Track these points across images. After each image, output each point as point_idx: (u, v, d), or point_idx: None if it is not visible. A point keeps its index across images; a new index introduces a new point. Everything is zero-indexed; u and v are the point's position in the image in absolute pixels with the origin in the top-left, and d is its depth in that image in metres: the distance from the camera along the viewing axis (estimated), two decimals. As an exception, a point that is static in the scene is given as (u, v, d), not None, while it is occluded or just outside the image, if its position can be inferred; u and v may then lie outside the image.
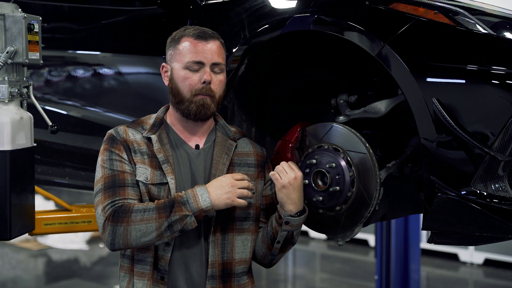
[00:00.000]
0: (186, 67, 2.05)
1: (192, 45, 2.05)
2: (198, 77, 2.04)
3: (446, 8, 2.14)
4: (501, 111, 1.96)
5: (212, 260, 2.03)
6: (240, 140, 2.19)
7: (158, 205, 1.95)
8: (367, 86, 2.54)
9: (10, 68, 2.49)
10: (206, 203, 1.95)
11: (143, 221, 1.93)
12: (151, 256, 2.02)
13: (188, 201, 1.95)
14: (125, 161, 2.04)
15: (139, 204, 1.97)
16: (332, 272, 6.63)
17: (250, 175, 2.12)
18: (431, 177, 2.04)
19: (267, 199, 2.19)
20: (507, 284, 6.15)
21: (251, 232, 2.13)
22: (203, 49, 2.04)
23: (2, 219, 2.42)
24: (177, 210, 1.93)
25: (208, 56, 2.04)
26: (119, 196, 1.98)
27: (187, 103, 2.05)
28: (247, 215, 2.10)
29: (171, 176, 2.03)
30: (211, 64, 2.05)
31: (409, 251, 4.73)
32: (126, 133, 2.10)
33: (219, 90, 2.07)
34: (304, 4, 2.32)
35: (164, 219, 1.93)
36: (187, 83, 2.04)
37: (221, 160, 2.09)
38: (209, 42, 2.06)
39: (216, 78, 2.06)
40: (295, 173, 2.11)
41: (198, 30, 2.08)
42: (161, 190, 2.03)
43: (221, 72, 2.08)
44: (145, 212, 1.94)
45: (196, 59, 2.04)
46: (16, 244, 7.23)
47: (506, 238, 2.09)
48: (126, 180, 2.01)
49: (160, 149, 2.07)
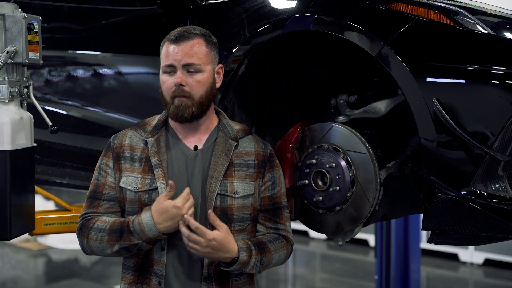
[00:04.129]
0: (163, 71, 2.08)
1: (166, 48, 2.07)
2: (172, 80, 2.05)
3: (446, 8, 2.14)
4: (501, 111, 1.96)
5: (209, 261, 2.02)
6: (244, 139, 2.15)
7: (111, 228, 2.03)
8: (367, 86, 2.54)
9: (10, 68, 2.49)
10: (153, 232, 1.97)
11: (97, 240, 2.04)
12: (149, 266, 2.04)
13: (136, 231, 1.98)
14: (109, 172, 2.11)
15: (99, 222, 2.05)
16: (332, 272, 6.63)
17: (249, 175, 2.10)
18: (431, 177, 2.04)
19: (265, 200, 2.14)
20: (507, 284, 6.15)
21: (248, 232, 2.11)
22: (173, 51, 2.04)
23: (2, 219, 2.42)
24: (126, 239, 2.00)
25: (177, 57, 2.03)
26: (92, 209, 2.10)
27: (168, 106, 2.07)
28: (245, 216, 2.08)
29: (161, 181, 2.04)
30: (182, 66, 2.04)
31: (409, 251, 4.73)
32: (123, 137, 2.14)
33: (198, 91, 2.05)
34: (304, 4, 2.32)
35: (115, 242, 2.02)
36: (164, 87, 2.07)
37: (219, 161, 2.07)
38: (180, 44, 2.04)
39: (191, 79, 2.04)
40: (206, 241, 1.94)
41: (176, 32, 2.07)
42: (152, 196, 2.04)
43: (198, 71, 2.05)
44: (99, 232, 2.04)
45: (168, 62, 2.05)
46: (16, 244, 7.23)
47: (506, 238, 2.09)
48: (104, 194, 2.11)
49: (155, 153, 2.07)
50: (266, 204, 2.14)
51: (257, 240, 2.09)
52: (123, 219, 2.04)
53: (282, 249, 2.12)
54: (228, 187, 2.06)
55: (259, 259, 2.04)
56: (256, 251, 2.03)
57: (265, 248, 2.06)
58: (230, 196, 2.05)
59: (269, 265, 2.10)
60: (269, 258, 2.07)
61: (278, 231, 2.15)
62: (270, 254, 2.07)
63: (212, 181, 2.05)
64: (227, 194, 2.05)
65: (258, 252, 2.04)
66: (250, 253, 2.01)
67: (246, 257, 1.99)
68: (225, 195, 2.05)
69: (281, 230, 2.15)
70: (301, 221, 2.48)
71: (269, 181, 2.14)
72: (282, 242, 2.13)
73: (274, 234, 2.14)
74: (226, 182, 2.06)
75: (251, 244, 2.04)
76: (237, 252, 1.98)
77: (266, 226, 2.14)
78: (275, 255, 2.09)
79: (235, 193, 2.06)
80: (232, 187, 2.06)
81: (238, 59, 2.42)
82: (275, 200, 2.15)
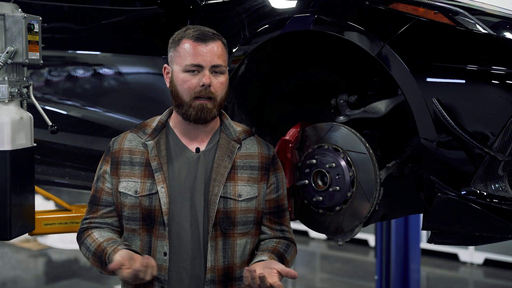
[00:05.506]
0: (185, 70, 2.01)
1: (191, 47, 2.00)
2: (197, 80, 1.99)
3: (446, 8, 2.14)
4: (501, 111, 1.96)
5: (212, 265, 2.01)
6: (246, 140, 2.12)
7: (95, 252, 2.04)
8: (367, 86, 2.54)
9: (10, 68, 2.49)
10: None
11: (85, 256, 2.10)
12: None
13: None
14: (107, 177, 2.11)
15: (89, 239, 2.08)
16: (332, 272, 6.63)
17: (252, 178, 2.07)
18: (431, 177, 2.04)
19: (270, 203, 2.12)
20: (507, 284, 6.15)
21: (251, 235, 2.09)
22: (202, 51, 1.99)
23: (2, 219, 2.42)
24: (105, 270, 2.02)
25: (207, 58, 1.99)
26: (91, 214, 2.13)
27: (186, 107, 2.01)
28: (248, 219, 2.06)
29: (162, 185, 2.02)
30: (211, 66, 2.00)
31: (409, 251, 4.73)
32: (122, 141, 2.11)
33: (220, 92, 2.02)
34: (304, 4, 2.32)
35: (97, 267, 2.06)
36: (186, 86, 2.00)
37: (222, 164, 2.05)
38: (208, 44, 2.00)
39: (216, 81, 2.01)
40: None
41: (198, 32, 2.03)
42: (152, 200, 2.02)
43: (222, 73, 2.03)
44: (87, 250, 2.08)
45: (195, 62, 2.00)
46: (16, 244, 7.23)
47: (506, 238, 2.09)
48: (101, 200, 2.12)
49: (156, 156, 2.05)
50: (271, 207, 2.12)
51: (276, 250, 2.07)
52: (105, 245, 2.02)
53: (294, 255, 2.14)
54: (231, 190, 2.04)
55: None
56: None
57: (284, 261, 2.05)
58: (234, 199, 2.03)
59: None
60: None
61: (284, 233, 2.14)
62: (288, 265, 2.06)
63: (215, 184, 2.03)
64: (230, 197, 2.03)
65: None
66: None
67: None
68: (228, 198, 2.03)
69: (286, 232, 2.15)
70: (301, 221, 2.48)
71: (273, 183, 2.13)
72: (293, 249, 2.14)
73: (283, 239, 2.13)
74: (229, 184, 2.04)
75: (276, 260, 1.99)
76: None
77: (272, 228, 2.13)
78: (290, 264, 2.10)
79: (238, 196, 2.04)
80: (236, 190, 2.04)
81: (238, 59, 2.42)
82: (279, 203, 2.14)
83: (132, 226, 2.06)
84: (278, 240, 2.12)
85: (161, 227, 2.02)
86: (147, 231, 2.04)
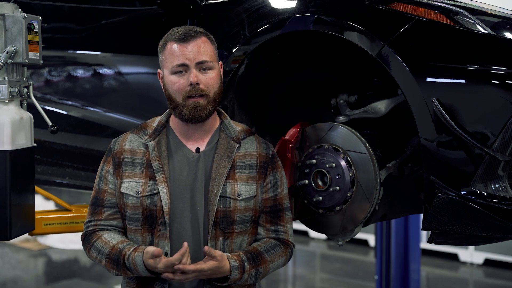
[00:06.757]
0: (173, 72, 2.03)
1: (174, 48, 2.02)
2: (185, 80, 2.01)
3: (446, 8, 2.14)
4: (501, 111, 1.96)
5: None
6: (246, 140, 2.13)
7: (109, 254, 2.04)
8: (367, 86, 2.54)
9: (10, 68, 2.49)
10: (145, 273, 1.99)
11: (97, 260, 2.08)
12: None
13: (130, 268, 2.00)
14: (109, 178, 2.11)
15: (99, 241, 2.07)
16: (332, 272, 6.63)
17: (251, 177, 2.08)
18: (431, 177, 2.04)
19: (267, 202, 2.12)
20: (507, 284, 6.15)
21: (248, 234, 2.10)
22: (184, 50, 2.01)
23: (2, 219, 2.42)
24: (122, 271, 2.03)
25: (190, 56, 2.00)
26: (95, 216, 2.12)
27: (180, 108, 2.02)
28: (246, 217, 2.07)
29: (163, 185, 2.02)
30: (196, 64, 2.01)
31: (409, 251, 4.73)
32: (123, 142, 2.12)
33: (212, 88, 2.03)
34: (304, 4, 2.32)
35: (112, 269, 2.05)
36: (175, 88, 2.02)
37: (222, 163, 2.05)
38: (190, 42, 2.01)
39: (205, 77, 2.02)
40: None
41: (180, 32, 2.04)
42: (154, 200, 2.03)
43: (210, 69, 2.03)
44: (99, 253, 2.07)
45: (179, 62, 2.01)
46: (16, 244, 7.23)
47: (506, 238, 2.09)
48: (105, 201, 2.11)
49: (157, 156, 2.06)
50: (267, 206, 2.13)
51: (254, 250, 2.07)
52: (121, 246, 2.02)
53: (279, 257, 2.11)
54: (230, 189, 2.05)
55: (253, 272, 2.04)
56: (250, 265, 2.02)
57: (261, 260, 2.05)
58: (233, 199, 2.04)
59: (267, 274, 2.11)
60: (265, 269, 2.07)
61: (278, 234, 2.13)
62: (267, 265, 2.07)
63: (215, 183, 2.04)
64: (230, 197, 2.04)
65: (253, 266, 2.03)
66: (243, 270, 2.00)
67: (238, 275, 1.99)
68: (227, 198, 2.04)
69: (281, 233, 2.14)
70: (301, 221, 2.48)
71: (270, 182, 2.13)
72: (280, 250, 2.12)
73: (273, 239, 2.12)
74: (229, 184, 2.05)
75: (245, 259, 2.02)
76: (229, 271, 1.98)
77: (267, 228, 2.13)
78: (272, 265, 2.09)
79: (237, 195, 2.05)
80: (235, 190, 2.05)
81: (238, 59, 2.42)
82: (277, 202, 2.14)
83: (133, 227, 2.07)
84: (265, 240, 2.12)
85: (162, 227, 2.03)
86: (149, 231, 2.05)
